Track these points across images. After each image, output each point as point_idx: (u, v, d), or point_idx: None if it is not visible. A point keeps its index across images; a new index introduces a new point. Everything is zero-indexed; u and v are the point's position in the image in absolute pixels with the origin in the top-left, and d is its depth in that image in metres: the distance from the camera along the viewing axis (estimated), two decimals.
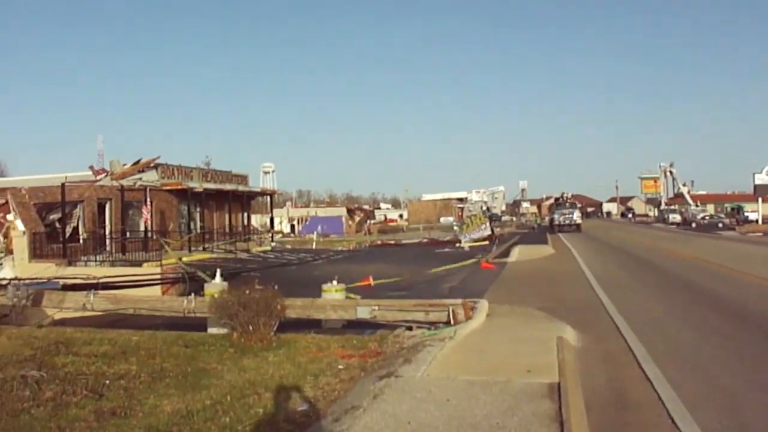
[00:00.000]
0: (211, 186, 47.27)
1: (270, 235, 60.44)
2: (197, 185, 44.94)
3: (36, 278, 24.17)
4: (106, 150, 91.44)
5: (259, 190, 61.68)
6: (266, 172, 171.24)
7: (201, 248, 41.88)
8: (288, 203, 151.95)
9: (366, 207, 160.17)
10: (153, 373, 11.42)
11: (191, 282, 26.04)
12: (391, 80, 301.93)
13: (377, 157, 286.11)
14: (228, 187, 50.03)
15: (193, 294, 18.38)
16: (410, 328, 14.90)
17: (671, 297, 20.27)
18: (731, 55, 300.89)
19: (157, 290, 27.45)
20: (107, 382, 10.82)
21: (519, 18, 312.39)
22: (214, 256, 39.30)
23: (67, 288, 21.83)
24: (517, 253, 39.04)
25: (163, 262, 30.25)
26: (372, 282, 25.18)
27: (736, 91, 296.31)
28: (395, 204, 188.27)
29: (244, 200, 54.28)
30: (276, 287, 14.88)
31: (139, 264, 30.64)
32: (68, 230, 35.40)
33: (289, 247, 58.13)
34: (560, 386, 9.22)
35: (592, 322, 15.90)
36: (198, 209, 47.26)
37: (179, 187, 43.09)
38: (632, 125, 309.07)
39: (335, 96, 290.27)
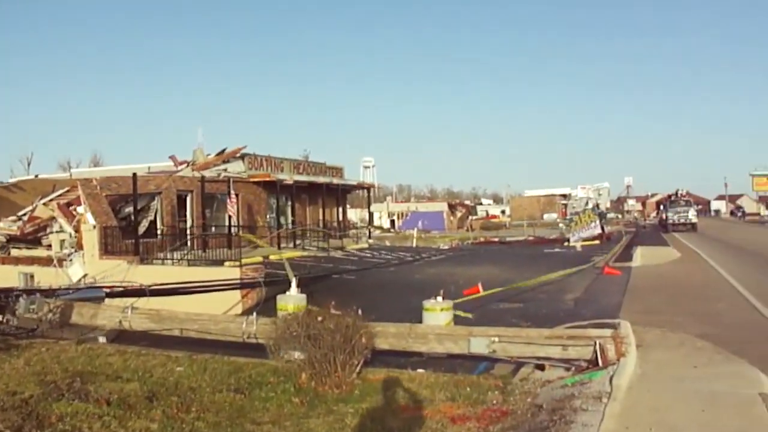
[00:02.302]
0: (303, 178, 43.88)
1: (367, 231, 56.89)
2: (287, 177, 41.61)
3: (71, 285, 20.94)
4: (206, 143, 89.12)
5: (355, 183, 57.63)
6: (366, 167, 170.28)
7: (292, 245, 38.64)
8: (388, 198, 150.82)
9: (467, 202, 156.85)
10: None
11: (269, 286, 22.47)
12: (492, 76, 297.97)
13: (478, 152, 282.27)
14: (321, 179, 46.48)
15: (254, 314, 14.59)
16: (541, 367, 11.02)
17: None
18: None
19: (236, 295, 24.09)
20: None
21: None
22: (305, 254, 35.99)
23: (113, 295, 18.46)
24: (639, 257, 34.50)
25: (243, 261, 26.77)
26: (481, 290, 21.25)
27: None
28: (496, 199, 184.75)
29: (339, 194, 50.66)
30: (360, 311, 11.12)
31: (220, 263, 27.33)
32: (144, 224, 32.36)
33: (387, 244, 54.50)
34: None
35: None
36: (289, 203, 43.93)
37: (268, 178, 39.78)
38: (740, 121, 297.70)
39: (431, 90, 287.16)
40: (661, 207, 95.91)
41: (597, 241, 48.76)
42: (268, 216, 41.25)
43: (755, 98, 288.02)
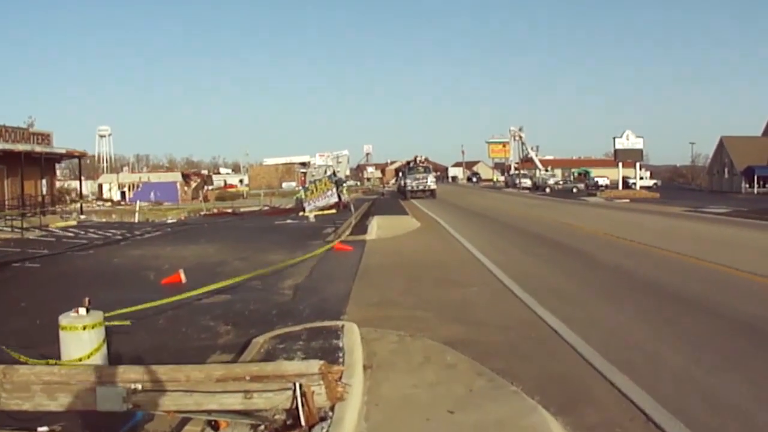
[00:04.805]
0: None
1: (78, 206, 50.97)
2: None
3: None
4: None
5: (64, 151, 51.09)
6: (102, 136, 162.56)
7: None
8: (125, 168, 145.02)
9: (205, 172, 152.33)
10: None
11: None
12: (229, 41, 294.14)
13: (218, 120, 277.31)
14: (21, 147, 40.40)
15: None
16: (215, 426, 6.91)
17: (662, 315, 12.09)
18: (583, 20, 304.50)
19: None
20: None
21: None
22: None
23: None
24: (375, 227, 31.19)
25: None
26: (183, 278, 17.10)
27: (577, 60, 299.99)
28: (236, 169, 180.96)
29: (43, 163, 44.38)
30: None
31: None
32: None
33: (104, 220, 49.06)
34: None
35: (572, 387, 8.27)
36: None
37: None
38: (477, 90, 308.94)
39: (174, 55, 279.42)
40: (400, 174, 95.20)
41: (333, 210, 47.44)
42: None
43: (491, 69, 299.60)
